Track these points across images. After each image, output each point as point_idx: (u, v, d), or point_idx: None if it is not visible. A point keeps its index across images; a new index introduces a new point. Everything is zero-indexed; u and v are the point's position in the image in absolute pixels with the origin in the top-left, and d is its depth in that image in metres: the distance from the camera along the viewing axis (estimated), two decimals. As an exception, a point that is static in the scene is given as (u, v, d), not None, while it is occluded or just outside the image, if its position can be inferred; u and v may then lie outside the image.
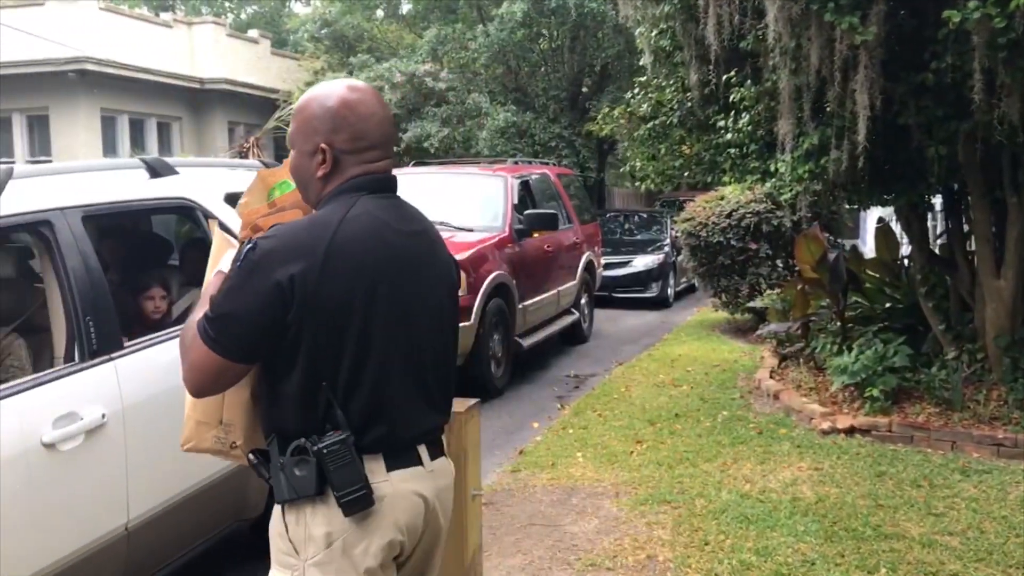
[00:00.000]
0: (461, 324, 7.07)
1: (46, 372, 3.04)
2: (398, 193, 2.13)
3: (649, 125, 9.07)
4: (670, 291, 14.29)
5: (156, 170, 3.80)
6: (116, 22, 16.38)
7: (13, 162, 4.17)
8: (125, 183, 3.64)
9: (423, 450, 2.05)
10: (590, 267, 10.77)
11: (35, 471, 2.81)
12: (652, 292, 13.85)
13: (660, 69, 8.34)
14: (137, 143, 17.07)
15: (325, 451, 1.89)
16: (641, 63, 9.30)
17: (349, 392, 1.93)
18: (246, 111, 18.76)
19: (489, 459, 5.68)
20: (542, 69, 19.37)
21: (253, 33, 20.43)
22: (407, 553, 2.07)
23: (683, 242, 10.88)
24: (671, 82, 8.45)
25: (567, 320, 9.92)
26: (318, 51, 20.08)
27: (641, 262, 13.93)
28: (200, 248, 4.08)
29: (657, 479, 5.33)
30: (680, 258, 13.43)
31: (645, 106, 9.06)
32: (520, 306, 8.34)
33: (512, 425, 6.93)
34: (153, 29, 17.41)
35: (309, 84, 18.51)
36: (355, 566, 1.95)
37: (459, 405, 3.05)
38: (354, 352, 1.93)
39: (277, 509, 2.01)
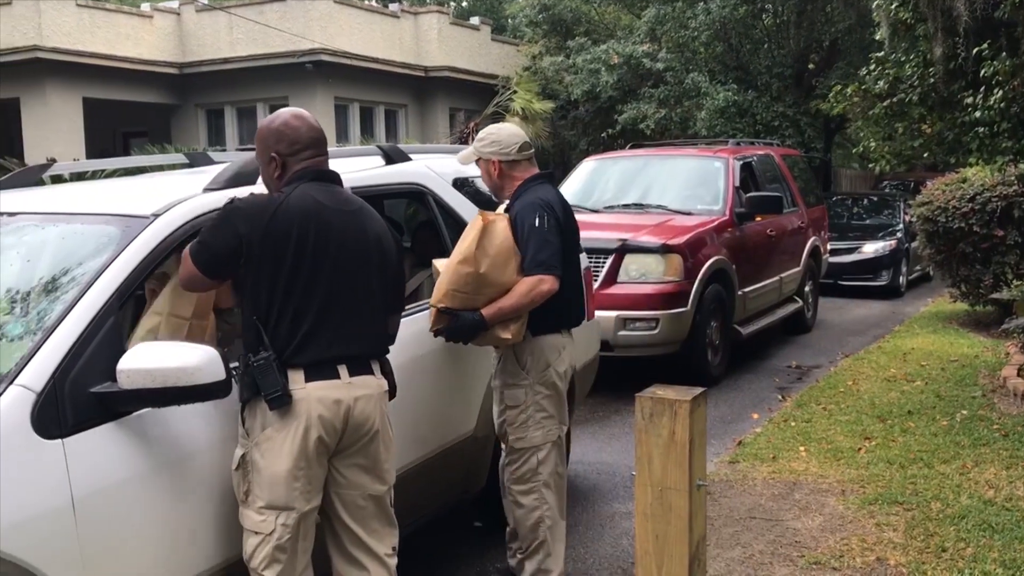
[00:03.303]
0: (677, 310, 7.09)
1: None
2: (340, 182, 2.95)
3: (885, 103, 8.60)
4: (902, 280, 13.42)
5: (391, 157, 4.00)
6: (349, 14, 17.27)
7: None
8: (365, 169, 3.84)
9: (343, 368, 2.79)
10: (815, 253, 10.29)
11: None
12: (882, 280, 13.03)
13: (899, 43, 7.90)
14: (366, 130, 17.94)
15: (255, 364, 2.69)
16: (877, 37, 8.85)
17: (276, 325, 2.72)
18: (466, 97, 19.29)
19: (707, 448, 5.57)
20: (765, 46, 18.67)
21: (474, 20, 20.92)
22: (334, 443, 2.78)
23: (918, 227, 10.14)
24: (911, 57, 7.96)
25: (789, 308, 9.54)
26: (536, 35, 20.31)
27: (871, 248, 13.13)
28: (430, 231, 4.23)
29: (888, 478, 5.05)
30: (914, 244, 12.58)
31: (881, 83, 8.58)
32: (739, 292, 8.10)
33: (730, 415, 6.77)
34: (382, 20, 18.21)
35: (527, 69, 18.81)
36: (282, 447, 2.70)
37: (685, 393, 3.01)
38: (282, 295, 2.72)
39: (240, 405, 2.78)
